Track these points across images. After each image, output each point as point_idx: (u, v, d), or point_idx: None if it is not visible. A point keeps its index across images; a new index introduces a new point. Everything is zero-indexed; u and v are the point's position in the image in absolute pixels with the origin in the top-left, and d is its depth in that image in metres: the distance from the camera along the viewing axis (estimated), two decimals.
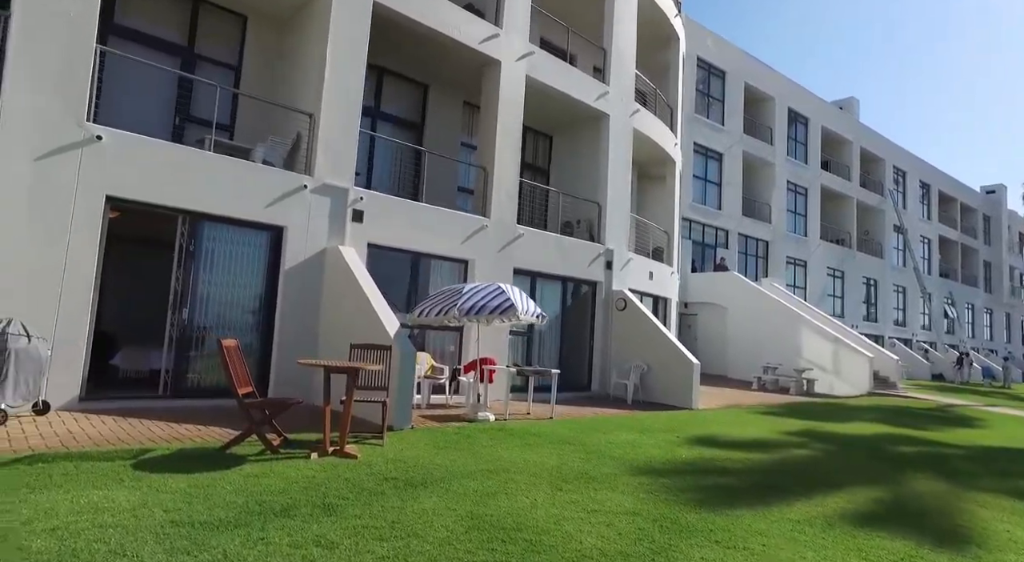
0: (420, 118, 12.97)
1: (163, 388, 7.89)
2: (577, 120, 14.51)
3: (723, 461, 6.43)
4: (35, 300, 6.77)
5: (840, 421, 10.91)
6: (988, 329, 45.96)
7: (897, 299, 36.18)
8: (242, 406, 5.30)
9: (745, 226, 26.57)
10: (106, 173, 7.28)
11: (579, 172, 14.71)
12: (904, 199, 37.03)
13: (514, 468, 5.37)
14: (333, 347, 8.65)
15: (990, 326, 46.35)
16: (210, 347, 8.20)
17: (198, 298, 8.13)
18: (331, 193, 9.25)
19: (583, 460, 5.95)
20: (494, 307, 8.04)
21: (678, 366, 12.61)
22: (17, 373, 6.04)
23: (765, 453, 7.03)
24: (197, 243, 8.10)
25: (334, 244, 9.20)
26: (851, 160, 33.08)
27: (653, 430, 8.26)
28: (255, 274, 8.66)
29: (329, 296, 8.99)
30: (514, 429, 7.56)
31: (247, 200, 8.40)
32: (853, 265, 32.40)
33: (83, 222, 7.12)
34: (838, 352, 19.21)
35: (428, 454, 5.71)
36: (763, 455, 6.90)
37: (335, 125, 9.35)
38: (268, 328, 8.69)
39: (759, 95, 27.75)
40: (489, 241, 11.42)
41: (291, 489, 4.22)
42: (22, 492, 3.79)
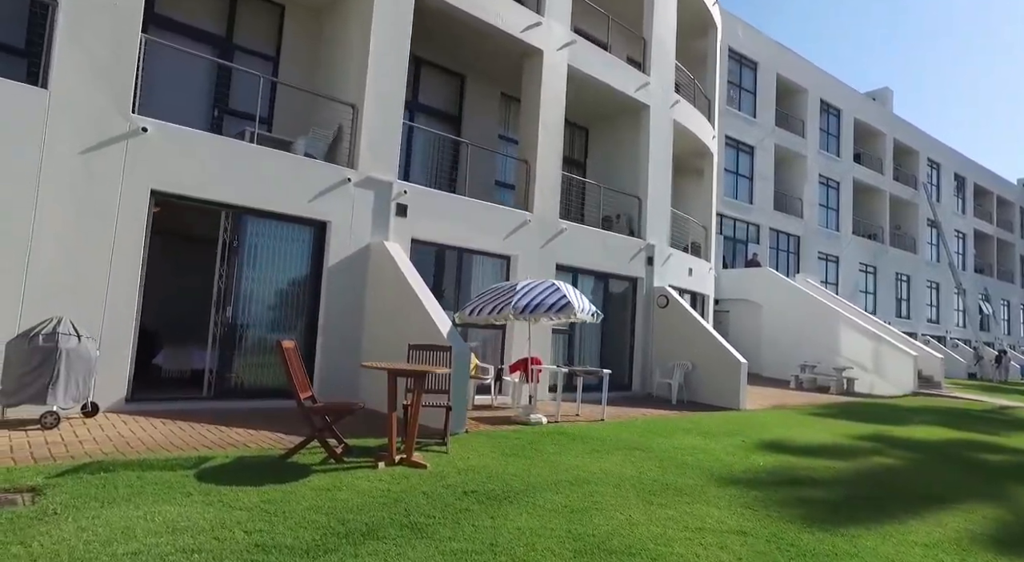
0: (457, 110, 12.62)
1: (207, 389, 7.65)
2: (616, 112, 14.07)
3: (804, 470, 6.02)
4: (81, 298, 6.54)
5: (899, 424, 10.41)
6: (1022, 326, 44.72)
7: (930, 295, 35.26)
8: (303, 411, 4.99)
9: (777, 221, 25.93)
10: (151, 166, 7.03)
11: (617, 165, 14.28)
12: (938, 192, 36.03)
13: (593, 479, 5.02)
14: (379, 347, 8.36)
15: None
16: (254, 347, 7.94)
17: (242, 296, 7.87)
18: (374, 187, 8.94)
19: (659, 469, 5.58)
20: (550, 305, 7.69)
21: (724, 365, 12.18)
22: (68, 374, 5.81)
23: (844, 461, 6.60)
24: (241, 239, 7.83)
25: (378, 239, 8.90)
26: (884, 153, 32.20)
27: (714, 434, 7.87)
28: (298, 271, 8.38)
29: (374, 293, 8.69)
30: (574, 433, 7.21)
31: (291, 194, 8.12)
32: (886, 260, 31.59)
33: (128, 217, 6.87)
34: (879, 350, 18.59)
35: (497, 462, 5.38)
36: (843, 463, 6.47)
37: (378, 116, 9.03)
38: (311, 327, 8.42)
39: (791, 86, 27.03)
40: (532, 236, 11.06)
41: (369, 505, 3.90)
42: (93, 507, 3.51)
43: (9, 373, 5.69)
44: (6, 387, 5.69)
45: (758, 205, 25.12)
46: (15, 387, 5.64)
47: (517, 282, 8.12)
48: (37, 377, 5.67)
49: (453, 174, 11.98)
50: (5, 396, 5.69)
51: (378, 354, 8.30)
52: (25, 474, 4.15)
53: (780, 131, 26.20)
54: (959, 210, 38.02)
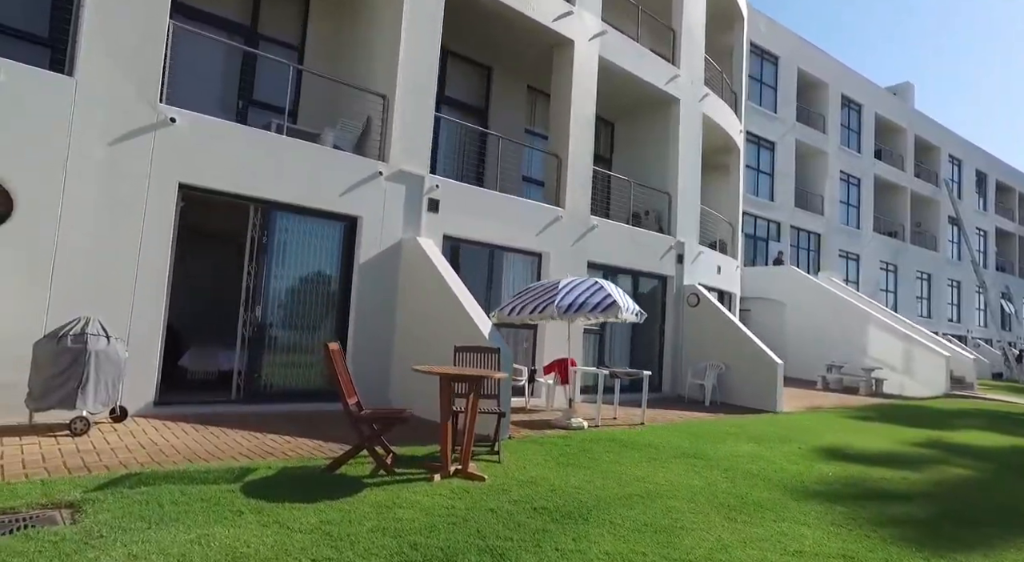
0: (484, 103, 12.26)
1: (235, 391, 7.33)
2: (644, 105, 13.67)
3: (877, 481, 5.64)
4: (108, 296, 6.23)
5: (948, 429, 9.99)
6: None
7: (951, 294, 34.66)
8: (352, 419, 4.65)
9: (798, 218, 25.45)
10: (179, 159, 6.70)
11: (645, 161, 13.87)
12: (959, 189, 35.38)
13: (662, 491, 4.65)
14: (411, 348, 8.02)
15: None
16: (283, 348, 7.62)
17: (271, 295, 7.54)
18: (406, 180, 8.59)
19: (727, 479, 5.21)
20: (594, 304, 7.32)
21: (759, 366, 11.79)
22: (97, 377, 5.49)
23: (914, 471, 6.20)
24: (270, 235, 7.50)
25: (410, 235, 8.55)
26: (905, 149, 31.62)
27: (765, 439, 7.48)
28: (329, 268, 8.05)
29: (406, 292, 8.35)
30: (623, 439, 6.85)
31: (321, 188, 7.78)
32: (907, 259, 31.03)
33: (156, 212, 6.55)
34: (910, 351, 18.12)
35: (555, 473, 5.03)
36: (915, 474, 6.07)
37: (410, 108, 8.68)
38: (342, 327, 8.08)
39: (812, 81, 26.52)
40: (563, 233, 10.69)
41: (437, 526, 3.55)
42: (140, 528, 3.18)
43: (37, 375, 5.38)
44: (33, 390, 5.38)
45: (779, 202, 24.66)
46: (43, 390, 5.33)
47: (558, 280, 7.75)
48: (66, 380, 5.36)
49: (480, 169, 11.61)
50: (33, 400, 5.38)
51: (411, 355, 7.97)
52: (61, 487, 3.83)
53: (801, 127, 25.71)
54: (980, 207, 37.35)
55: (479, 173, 11.61)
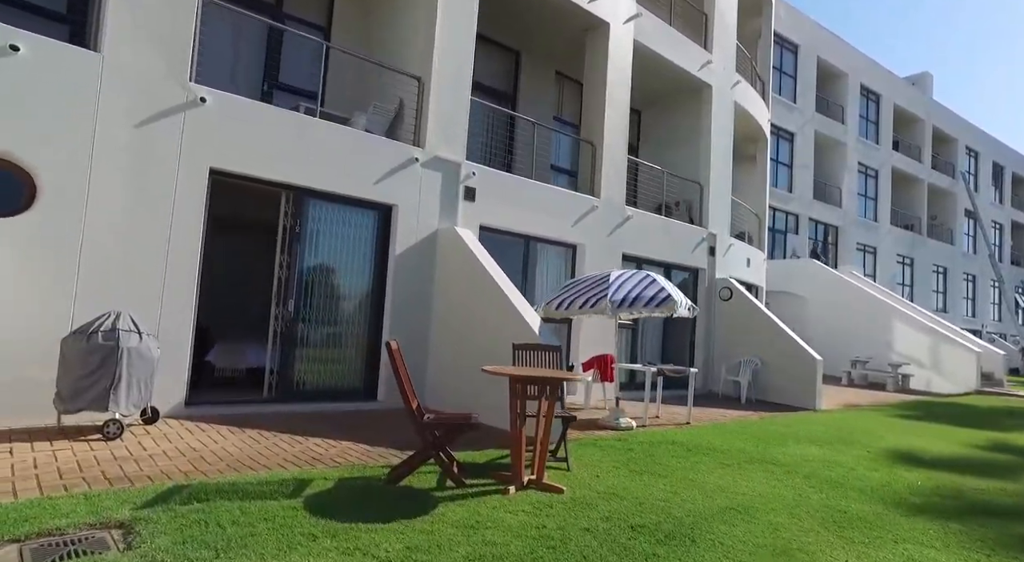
0: (512, 89, 11.78)
1: (267, 390, 6.92)
2: (675, 92, 13.19)
3: (976, 492, 5.21)
4: (137, 289, 5.81)
5: (1006, 429, 9.59)
6: None
7: (967, 288, 34.24)
8: (417, 425, 4.23)
9: (816, 211, 24.98)
10: (210, 141, 6.26)
11: (675, 150, 13.40)
12: (976, 181, 34.89)
13: (756, 504, 4.25)
14: (449, 344, 7.61)
15: None
16: (318, 343, 7.20)
17: (304, 287, 7.11)
18: (442, 167, 8.15)
19: (814, 489, 4.81)
20: (649, 298, 6.90)
21: (797, 362, 11.39)
22: (130, 376, 5.07)
23: (1008, 480, 5.76)
24: (303, 224, 7.06)
25: (446, 225, 8.12)
26: (923, 140, 31.08)
27: (827, 441, 7.08)
28: (363, 259, 7.62)
29: (443, 285, 7.92)
30: (683, 442, 6.45)
31: (356, 174, 7.34)
32: (923, 252, 30.59)
33: (186, 197, 6.11)
34: (937, 346, 17.72)
35: (633, 483, 4.62)
36: (1012, 484, 5.64)
37: (446, 90, 8.22)
38: (376, 322, 7.67)
39: (832, 71, 25.97)
40: (599, 223, 10.26)
41: (535, 551, 3.14)
42: (205, 558, 2.77)
43: (66, 375, 4.96)
44: (63, 391, 4.97)
45: (797, 194, 24.19)
46: (73, 391, 4.92)
47: (608, 273, 7.33)
48: (97, 380, 4.95)
49: (508, 156, 11.15)
50: (61, 401, 4.97)
51: (448, 352, 7.56)
52: (107, 503, 3.42)
53: (820, 117, 25.19)
54: (996, 200, 36.86)
55: (507, 161, 11.16)
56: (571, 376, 4.40)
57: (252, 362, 7.65)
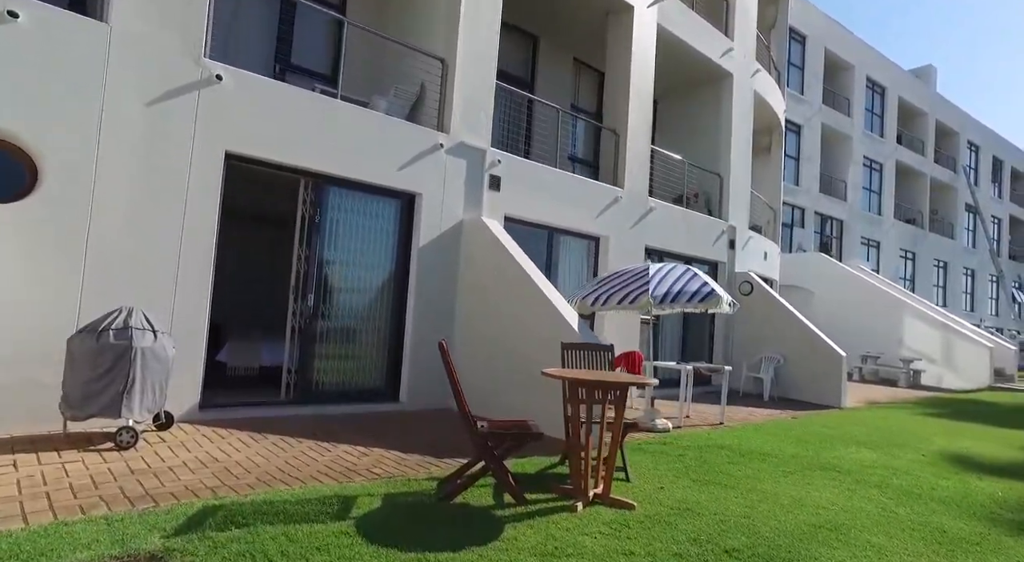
0: (529, 76, 11.32)
1: (286, 391, 6.47)
2: (694, 81, 12.77)
3: None
4: (148, 282, 5.33)
5: None
6: None
7: (965, 283, 34.22)
8: (475, 437, 3.81)
9: (822, 204, 24.72)
10: (226, 123, 5.77)
11: (694, 140, 12.99)
12: (976, 176, 34.81)
13: (841, 522, 3.88)
14: (475, 341, 7.18)
15: None
16: (338, 340, 6.75)
17: (325, 281, 6.65)
18: (467, 155, 7.70)
19: (895, 502, 4.45)
20: (692, 293, 6.51)
21: (820, 358, 11.07)
22: (144, 379, 4.61)
23: None
24: (322, 213, 6.59)
25: (471, 216, 7.68)
26: (926, 134, 30.91)
27: (874, 444, 6.75)
28: (385, 252, 7.17)
29: (468, 279, 7.49)
30: (726, 444, 6.08)
31: (378, 160, 6.88)
32: (925, 246, 30.48)
33: (201, 184, 5.63)
34: (949, 341, 17.51)
35: (701, 495, 4.24)
36: None
37: (471, 73, 7.76)
38: (399, 318, 7.23)
39: (839, 63, 25.67)
40: (623, 215, 9.85)
41: None
42: None
43: (73, 377, 4.50)
44: (70, 395, 4.51)
45: (804, 187, 23.90)
46: (82, 396, 4.45)
47: (646, 266, 6.92)
48: (109, 383, 4.48)
49: (526, 146, 10.70)
50: (69, 406, 4.50)
51: (474, 350, 7.15)
52: (131, 528, 2.98)
53: (827, 109, 24.89)
54: (995, 194, 36.83)
55: (525, 150, 10.71)
56: (643, 380, 4.00)
57: (266, 361, 7.20)
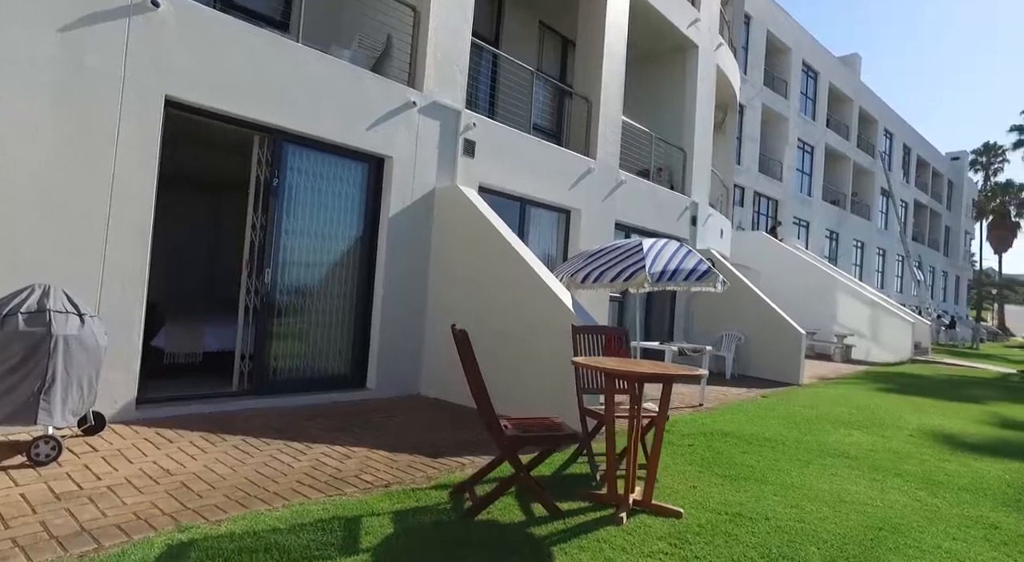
0: (494, 36, 10.51)
1: (240, 381, 5.60)
2: (659, 51, 12.36)
3: None
4: (67, 255, 4.32)
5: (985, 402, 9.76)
6: (943, 292, 47.81)
7: (878, 261, 36.54)
8: (505, 442, 3.20)
9: (760, 184, 25.37)
10: (165, 62, 4.75)
11: (658, 114, 12.62)
12: (890, 162, 36.96)
13: (894, 521, 3.61)
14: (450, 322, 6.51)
15: (944, 288, 48.23)
16: (299, 322, 5.91)
17: (284, 254, 5.76)
18: (441, 116, 6.92)
19: (926, 492, 4.25)
20: (689, 271, 6.14)
21: (780, 336, 11.17)
22: (68, 375, 3.68)
23: None
24: (281, 175, 5.67)
25: (444, 183, 6.94)
26: (851, 120, 32.36)
27: (859, 424, 6.70)
28: (352, 221, 6.33)
29: (444, 253, 6.78)
30: (729, 431, 5.80)
31: (346, 117, 6.00)
32: (847, 227, 32.16)
33: (135, 136, 4.61)
34: (877, 317, 18.44)
35: (738, 494, 3.86)
36: None
37: (445, 25, 6.94)
38: (366, 296, 6.45)
39: (778, 45, 26.15)
40: (595, 188, 9.37)
41: None
42: None
43: None
44: None
45: (745, 167, 24.36)
46: None
47: (639, 242, 6.47)
48: (19, 382, 3.53)
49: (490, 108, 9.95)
50: None
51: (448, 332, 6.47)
52: None
53: (767, 91, 25.40)
54: (904, 180, 39.35)
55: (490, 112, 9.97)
56: (693, 372, 3.52)
57: (211, 346, 6.25)
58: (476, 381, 3.16)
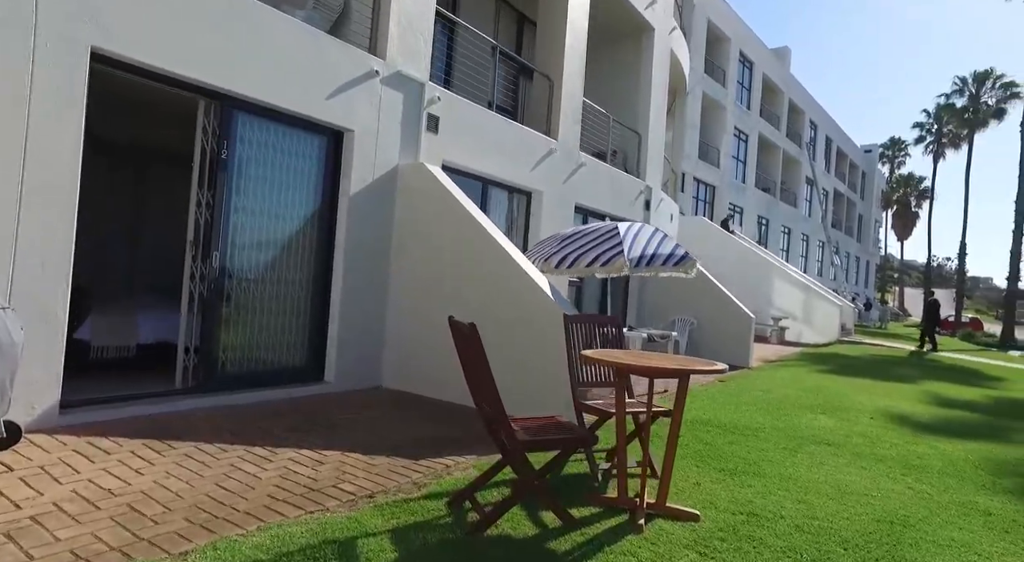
0: (450, 9, 9.92)
1: (184, 378, 4.97)
2: (616, 32, 12.14)
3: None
4: None
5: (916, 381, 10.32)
6: (856, 276, 51.17)
7: (802, 247, 38.49)
8: (511, 444, 2.88)
9: (700, 170, 25.95)
10: (91, 9, 4.02)
11: (612, 96, 12.44)
12: (814, 152, 38.85)
13: (899, 513, 3.57)
14: (414, 311, 6.10)
15: (857, 273, 51.64)
16: (251, 310, 5.32)
17: (233, 235, 5.14)
18: (404, 87, 6.40)
19: (915, 480, 4.28)
20: (667, 257, 5.99)
21: (730, 320, 11.42)
22: None
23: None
24: (231, 147, 5.03)
25: (407, 161, 6.45)
26: (781, 110, 33.65)
27: (821, 408, 6.84)
28: (308, 199, 5.76)
29: (408, 235, 6.32)
30: (706, 419, 5.72)
31: (303, 85, 5.40)
32: (776, 213, 33.58)
33: (53, 95, 3.89)
34: (809, 301, 19.33)
35: (743, 491, 3.73)
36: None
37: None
38: (324, 282, 5.92)
39: (718, 34, 26.68)
40: (556, 169, 9.10)
41: None
42: None
43: None
44: None
45: (685, 153, 24.80)
46: None
47: (614, 226, 6.24)
48: None
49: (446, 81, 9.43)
50: None
51: (412, 321, 6.08)
52: None
53: (707, 79, 25.90)
54: (825, 170, 41.53)
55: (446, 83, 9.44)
56: (711, 367, 3.29)
57: (148, 337, 5.55)
58: (487, 381, 2.81)
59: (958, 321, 35.12)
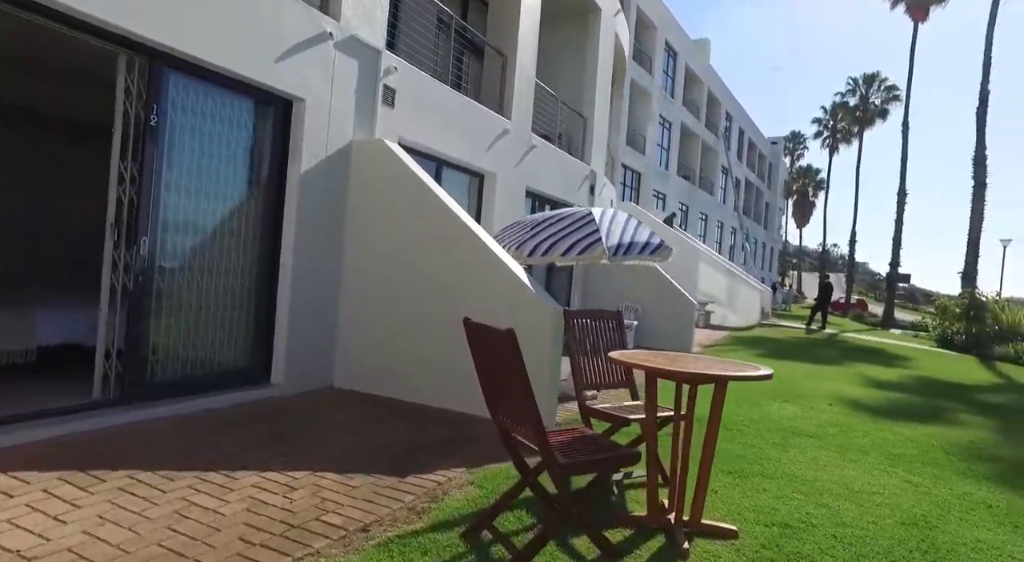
0: None
1: (105, 385, 4.17)
2: (563, 12, 11.76)
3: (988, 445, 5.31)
4: None
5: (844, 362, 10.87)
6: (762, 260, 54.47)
7: (718, 233, 40.31)
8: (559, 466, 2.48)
9: (627, 156, 26.28)
10: None
11: (557, 77, 12.10)
12: (729, 142, 40.63)
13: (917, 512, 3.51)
14: (370, 303, 5.53)
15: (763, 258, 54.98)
16: (183, 308, 4.56)
17: (162, 217, 4.34)
18: (360, 54, 5.72)
19: (906, 472, 4.30)
20: (644, 244, 5.78)
21: (675, 307, 11.54)
22: None
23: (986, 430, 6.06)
24: (160, 112, 4.21)
25: (362, 136, 5.80)
26: (701, 100, 34.78)
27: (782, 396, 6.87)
28: (252, 177, 5.01)
29: (362, 218, 5.68)
30: None
31: (247, 43, 4.63)
32: (695, 200, 34.84)
33: None
34: (732, 286, 20.14)
35: (759, 496, 3.55)
36: (995, 436, 5.90)
37: None
38: (270, 271, 5.21)
39: (645, 22, 26.98)
40: (509, 150, 8.68)
41: None
42: None
43: None
44: None
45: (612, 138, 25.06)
46: None
47: (588, 211, 5.92)
48: None
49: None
50: None
51: (369, 314, 5.52)
52: None
53: (635, 66, 26.15)
54: (738, 160, 43.61)
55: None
56: (758, 371, 2.99)
57: (51, 338, 4.63)
58: (521, 395, 2.38)
59: (848, 302, 38.42)
